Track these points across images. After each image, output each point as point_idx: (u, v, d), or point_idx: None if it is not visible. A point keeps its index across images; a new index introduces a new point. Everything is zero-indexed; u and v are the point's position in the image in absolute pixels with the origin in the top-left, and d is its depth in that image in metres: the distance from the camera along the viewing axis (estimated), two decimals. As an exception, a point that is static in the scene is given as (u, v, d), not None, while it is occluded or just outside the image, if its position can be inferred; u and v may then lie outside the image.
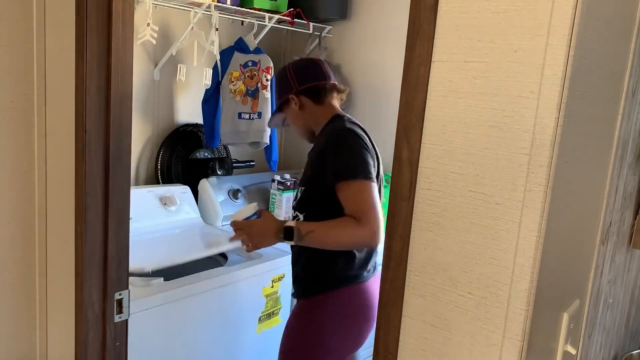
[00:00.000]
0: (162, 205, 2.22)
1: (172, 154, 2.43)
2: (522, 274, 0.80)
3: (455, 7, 0.82)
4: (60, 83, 1.37)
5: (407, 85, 0.89)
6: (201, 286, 1.80)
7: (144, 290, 1.67)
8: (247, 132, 2.42)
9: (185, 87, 2.48)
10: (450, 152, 0.85)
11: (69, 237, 1.41)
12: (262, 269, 2.02)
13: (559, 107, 0.75)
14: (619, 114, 1.07)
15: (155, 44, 2.23)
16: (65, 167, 1.39)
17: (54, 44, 1.38)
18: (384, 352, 0.96)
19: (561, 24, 0.74)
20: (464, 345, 0.87)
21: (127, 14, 1.34)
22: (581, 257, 1.06)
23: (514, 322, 0.81)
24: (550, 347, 0.96)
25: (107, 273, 1.42)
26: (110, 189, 1.39)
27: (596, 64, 0.85)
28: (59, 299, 1.48)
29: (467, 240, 0.84)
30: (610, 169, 1.09)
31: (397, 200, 0.92)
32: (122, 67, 1.36)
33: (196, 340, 1.83)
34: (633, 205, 1.31)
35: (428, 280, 0.89)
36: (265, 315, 2.06)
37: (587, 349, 1.20)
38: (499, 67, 0.79)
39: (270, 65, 2.44)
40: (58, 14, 1.35)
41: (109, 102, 1.35)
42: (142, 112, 2.34)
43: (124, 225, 1.44)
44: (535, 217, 0.78)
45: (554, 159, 0.76)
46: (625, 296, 1.43)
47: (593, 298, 1.16)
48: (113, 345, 1.47)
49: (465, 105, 0.83)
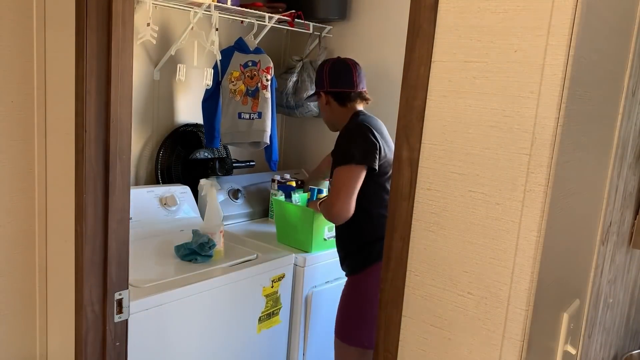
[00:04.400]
0: (162, 205, 2.22)
1: (172, 154, 2.43)
2: (522, 274, 0.80)
3: (455, 7, 0.82)
4: (60, 83, 1.37)
5: (407, 85, 0.89)
6: (201, 286, 1.79)
7: (144, 290, 1.67)
8: (247, 132, 2.42)
9: (185, 87, 2.48)
10: (450, 152, 0.85)
11: (69, 237, 1.41)
12: (262, 269, 2.02)
13: (559, 107, 0.75)
14: (619, 114, 1.07)
15: (155, 44, 2.22)
16: (65, 167, 1.39)
17: (54, 44, 1.38)
18: (384, 352, 0.96)
19: (561, 24, 0.74)
20: (464, 345, 0.87)
21: (127, 14, 1.34)
22: (581, 257, 1.06)
23: (514, 322, 0.81)
24: (550, 347, 0.96)
25: (107, 273, 1.42)
26: (110, 188, 1.39)
27: (596, 64, 0.85)
28: (59, 299, 1.48)
29: (467, 240, 0.84)
30: (610, 169, 1.09)
31: (397, 200, 0.92)
32: (122, 67, 1.36)
33: (196, 340, 1.82)
34: (633, 205, 1.31)
35: (428, 280, 0.89)
36: (265, 315, 2.06)
37: (587, 349, 1.20)
38: (499, 67, 0.79)
39: (270, 65, 2.44)
40: (58, 14, 1.35)
41: (109, 102, 1.35)
42: (142, 112, 2.34)
43: (124, 225, 1.44)
44: (535, 217, 0.78)
45: (554, 159, 0.76)
46: (625, 296, 1.43)
47: (593, 298, 1.16)
48: (113, 345, 1.47)
49: (465, 105, 0.83)
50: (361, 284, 1.96)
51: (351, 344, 1.95)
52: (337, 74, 2.01)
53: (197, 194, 2.39)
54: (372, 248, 1.92)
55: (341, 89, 2.00)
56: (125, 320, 1.49)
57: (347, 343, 1.96)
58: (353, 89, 2.00)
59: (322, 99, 2.04)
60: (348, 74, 2.00)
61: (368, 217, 1.91)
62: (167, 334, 1.73)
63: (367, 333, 1.91)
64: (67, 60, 1.34)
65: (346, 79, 2.00)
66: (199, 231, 1.99)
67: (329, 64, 2.04)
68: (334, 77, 2.01)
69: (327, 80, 2.01)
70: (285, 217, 2.27)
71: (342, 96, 2.00)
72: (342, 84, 2.00)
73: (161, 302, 1.68)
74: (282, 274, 2.10)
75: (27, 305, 1.48)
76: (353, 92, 2.00)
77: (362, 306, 1.94)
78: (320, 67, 2.07)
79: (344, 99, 2.00)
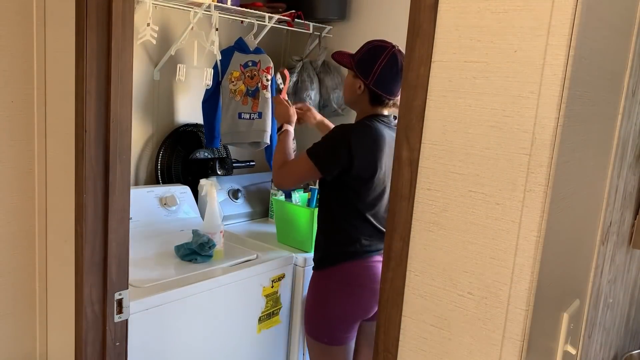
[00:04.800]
0: (162, 205, 2.22)
1: (172, 154, 2.43)
2: (522, 274, 0.80)
3: (455, 7, 0.82)
4: (60, 83, 1.37)
5: (407, 85, 0.89)
6: (201, 286, 1.80)
7: (144, 290, 1.67)
8: (248, 132, 2.42)
9: (185, 87, 2.48)
10: (450, 152, 0.85)
11: (69, 237, 1.41)
12: (262, 269, 2.02)
13: (559, 107, 0.75)
14: (619, 113, 1.07)
15: (155, 44, 2.22)
16: (65, 167, 1.39)
17: (54, 44, 1.38)
18: (383, 351, 0.96)
19: (561, 24, 0.74)
20: (464, 345, 0.87)
21: (127, 14, 1.34)
22: (581, 257, 1.06)
23: (514, 322, 0.81)
24: (550, 347, 0.96)
25: (107, 273, 1.42)
26: (110, 188, 1.39)
27: (596, 64, 0.85)
28: (59, 299, 1.48)
29: (467, 240, 0.84)
30: (610, 169, 1.09)
31: (397, 200, 0.92)
32: (122, 67, 1.36)
33: (196, 340, 1.83)
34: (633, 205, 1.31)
35: (428, 280, 0.89)
36: (265, 315, 2.06)
37: (587, 349, 1.20)
38: (499, 67, 0.79)
39: (270, 65, 2.43)
40: (58, 14, 1.35)
41: (109, 102, 1.35)
42: (142, 112, 2.34)
43: (124, 225, 1.44)
44: (535, 217, 0.78)
45: (554, 159, 0.76)
46: (625, 296, 1.43)
47: (593, 298, 1.16)
48: (113, 345, 1.47)
49: (465, 105, 0.83)
50: (323, 281, 1.92)
51: (317, 339, 1.92)
52: (389, 77, 1.82)
53: (197, 194, 2.39)
54: (342, 248, 1.88)
55: (383, 92, 1.83)
56: (125, 320, 1.49)
57: (314, 338, 1.93)
58: (393, 98, 1.85)
59: (358, 83, 1.86)
60: (397, 82, 1.82)
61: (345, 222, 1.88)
62: (167, 334, 1.73)
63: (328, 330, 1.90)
64: (67, 60, 1.34)
65: (393, 87, 1.83)
66: (199, 231, 1.99)
67: (385, 58, 1.81)
68: (383, 78, 1.82)
69: (375, 75, 1.82)
70: (285, 217, 2.27)
71: (378, 98, 1.85)
72: (387, 90, 1.83)
73: (161, 302, 1.68)
74: (282, 274, 2.10)
75: (27, 305, 1.48)
76: (390, 100, 1.85)
77: (325, 304, 1.91)
78: (377, 53, 1.83)
79: (378, 101, 1.85)
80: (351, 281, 1.88)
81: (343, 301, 1.88)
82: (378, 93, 1.83)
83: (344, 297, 1.88)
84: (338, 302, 1.88)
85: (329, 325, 1.91)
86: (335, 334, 1.90)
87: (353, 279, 1.88)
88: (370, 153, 1.81)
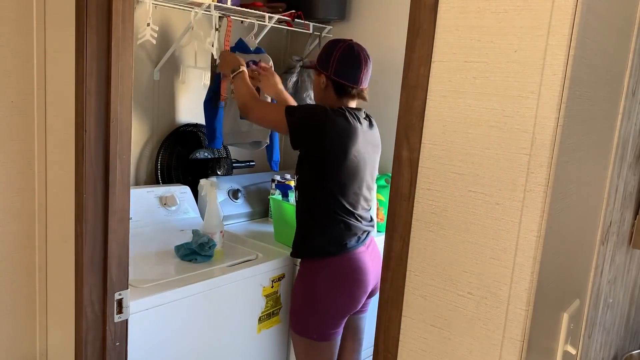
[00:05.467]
0: (162, 205, 2.22)
1: (172, 154, 2.43)
2: (522, 274, 0.80)
3: (455, 7, 0.82)
4: (60, 83, 1.37)
5: (407, 85, 0.89)
6: (201, 286, 1.80)
7: (144, 290, 1.67)
8: (248, 132, 2.42)
9: (185, 87, 2.48)
10: (450, 152, 0.85)
11: (69, 237, 1.41)
12: (262, 269, 2.02)
13: (559, 107, 0.75)
14: (619, 113, 1.07)
15: (155, 44, 2.23)
16: (65, 167, 1.39)
17: (54, 44, 1.38)
18: (384, 351, 0.96)
19: (561, 24, 0.74)
20: (464, 345, 0.87)
21: (127, 14, 1.34)
22: (581, 257, 1.07)
23: (514, 322, 0.81)
24: (550, 347, 0.96)
25: (107, 273, 1.42)
26: (110, 188, 1.39)
27: (596, 64, 0.85)
28: (59, 299, 1.48)
29: (467, 240, 0.84)
30: (610, 169, 1.10)
31: (397, 200, 0.92)
32: (122, 67, 1.36)
33: (196, 340, 1.83)
34: (633, 205, 1.31)
35: (428, 280, 0.89)
36: (265, 315, 2.06)
37: (587, 349, 1.20)
38: (499, 67, 0.79)
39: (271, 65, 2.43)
40: (58, 14, 1.35)
41: (109, 102, 1.35)
42: (142, 112, 2.34)
43: (124, 225, 1.44)
44: (535, 217, 0.78)
45: (554, 159, 0.76)
46: (625, 296, 1.43)
47: (593, 298, 1.16)
48: (113, 345, 1.47)
49: (465, 105, 0.83)
50: (312, 277, 1.92)
51: (305, 335, 1.92)
52: (346, 65, 1.90)
53: (197, 194, 2.39)
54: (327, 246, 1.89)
55: (344, 81, 1.89)
56: (125, 320, 1.49)
57: (301, 335, 1.93)
58: (356, 86, 1.91)
59: (321, 79, 1.93)
60: (357, 70, 1.90)
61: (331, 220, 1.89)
62: (167, 334, 1.73)
63: (317, 326, 1.90)
64: (67, 60, 1.34)
65: (353, 74, 1.90)
66: (199, 231, 1.99)
67: (341, 49, 1.91)
68: (341, 66, 1.89)
69: (334, 66, 1.89)
70: (282, 216, 2.26)
71: (342, 88, 1.91)
72: (347, 78, 1.89)
73: (161, 302, 1.68)
74: (282, 274, 2.10)
75: (27, 305, 1.48)
76: (354, 88, 1.91)
77: (315, 300, 1.90)
78: (332, 46, 1.93)
79: (343, 91, 1.91)
80: (340, 275, 1.89)
81: (333, 295, 1.88)
82: (340, 82, 1.90)
83: (333, 291, 1.88)
84: (328, 297, 1.88)
85: (318, 321, 1.91)
86: (325, 329, 1.91)
87: (342, 273, 1.89)
88: (343, 136, 1.85)
